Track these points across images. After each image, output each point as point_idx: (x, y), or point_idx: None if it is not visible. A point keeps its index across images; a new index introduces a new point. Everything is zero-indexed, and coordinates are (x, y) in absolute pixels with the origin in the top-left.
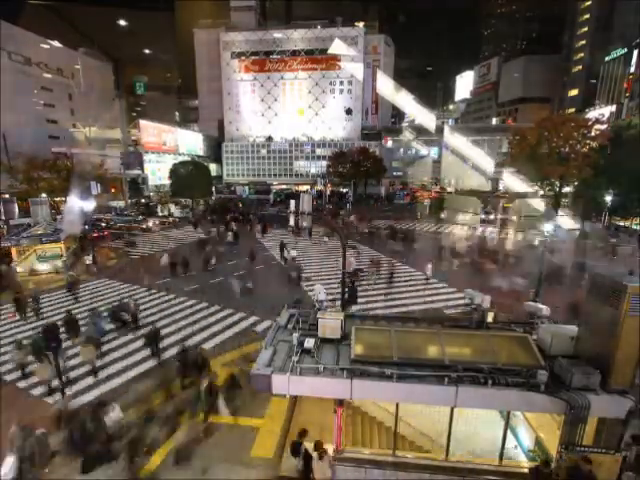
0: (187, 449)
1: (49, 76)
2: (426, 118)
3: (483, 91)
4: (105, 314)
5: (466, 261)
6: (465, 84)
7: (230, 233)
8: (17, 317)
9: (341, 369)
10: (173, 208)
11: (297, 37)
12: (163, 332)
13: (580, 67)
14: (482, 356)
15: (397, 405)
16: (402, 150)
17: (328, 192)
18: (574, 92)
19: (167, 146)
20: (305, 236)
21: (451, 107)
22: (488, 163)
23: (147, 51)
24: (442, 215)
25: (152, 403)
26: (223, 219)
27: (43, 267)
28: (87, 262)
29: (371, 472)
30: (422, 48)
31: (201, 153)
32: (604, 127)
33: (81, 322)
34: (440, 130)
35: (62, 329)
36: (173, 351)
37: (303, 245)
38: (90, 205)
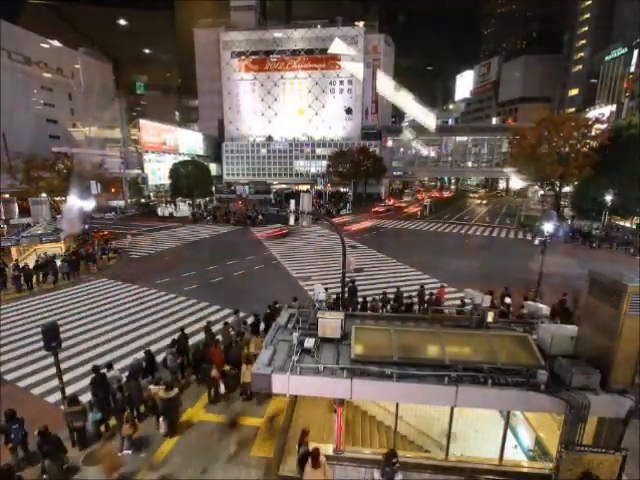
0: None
1: (49, 76)
2: (426, 117)
3: (483, 90)
4: None
5: None
6: (465, 83)
7: None
8: None
9: (341, 369)
10: (179, 206)
11: (297, 37)
12: (163, 332)
13: (580, 67)
14: (482, 356)
15: (397, 405)
16: (402, 150)
17: (328, 192)
18: (574, 92)
19: (167, 146)
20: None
21: (451, 107)
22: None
23: (147, 51)
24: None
25: None
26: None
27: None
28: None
29: (371, 472)
30: (422, 47)
31: (201, 153)
32: (604, 127)
33: (78, 323)
34: (440, 130)
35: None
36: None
37: (298, 245)
38: (90, 205)
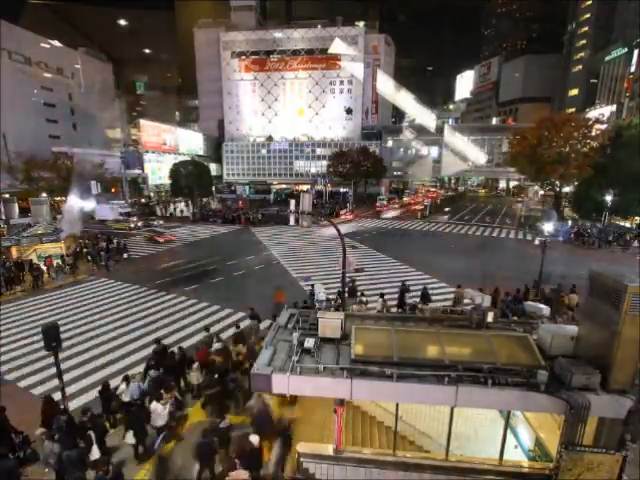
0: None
1: (49, 76)
2: (426, 117)
3: (484, 90)
4: None
5: None
6: (465, 84)
7: None
8: None
9: (341, 369)
10: (182, 206)
11: (297, 37)
12: (163, 332)
13: (580, 67)
14: (482, 356)
15: (397, 405)
16: (402, 150)
17: (328, 192)
18: (574, 92)
19: (167, 146)
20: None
21: (451, 107)
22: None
23: (147, 51)
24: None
25: None
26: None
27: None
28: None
29: (371, 472)
30: (422, 47)
31: (201, 153)
32: (604, 127)
33: (78, 323)
34: (440, 130)
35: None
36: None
37: (300, 244)
38: (90, 205)
